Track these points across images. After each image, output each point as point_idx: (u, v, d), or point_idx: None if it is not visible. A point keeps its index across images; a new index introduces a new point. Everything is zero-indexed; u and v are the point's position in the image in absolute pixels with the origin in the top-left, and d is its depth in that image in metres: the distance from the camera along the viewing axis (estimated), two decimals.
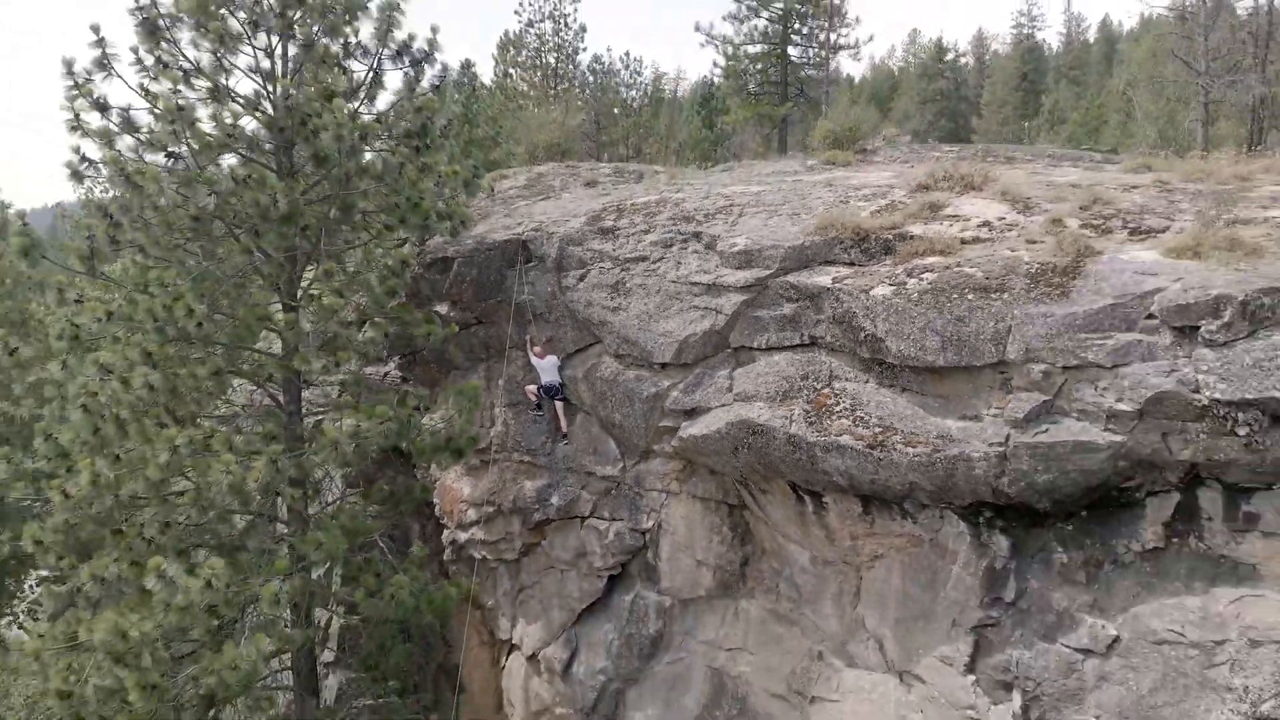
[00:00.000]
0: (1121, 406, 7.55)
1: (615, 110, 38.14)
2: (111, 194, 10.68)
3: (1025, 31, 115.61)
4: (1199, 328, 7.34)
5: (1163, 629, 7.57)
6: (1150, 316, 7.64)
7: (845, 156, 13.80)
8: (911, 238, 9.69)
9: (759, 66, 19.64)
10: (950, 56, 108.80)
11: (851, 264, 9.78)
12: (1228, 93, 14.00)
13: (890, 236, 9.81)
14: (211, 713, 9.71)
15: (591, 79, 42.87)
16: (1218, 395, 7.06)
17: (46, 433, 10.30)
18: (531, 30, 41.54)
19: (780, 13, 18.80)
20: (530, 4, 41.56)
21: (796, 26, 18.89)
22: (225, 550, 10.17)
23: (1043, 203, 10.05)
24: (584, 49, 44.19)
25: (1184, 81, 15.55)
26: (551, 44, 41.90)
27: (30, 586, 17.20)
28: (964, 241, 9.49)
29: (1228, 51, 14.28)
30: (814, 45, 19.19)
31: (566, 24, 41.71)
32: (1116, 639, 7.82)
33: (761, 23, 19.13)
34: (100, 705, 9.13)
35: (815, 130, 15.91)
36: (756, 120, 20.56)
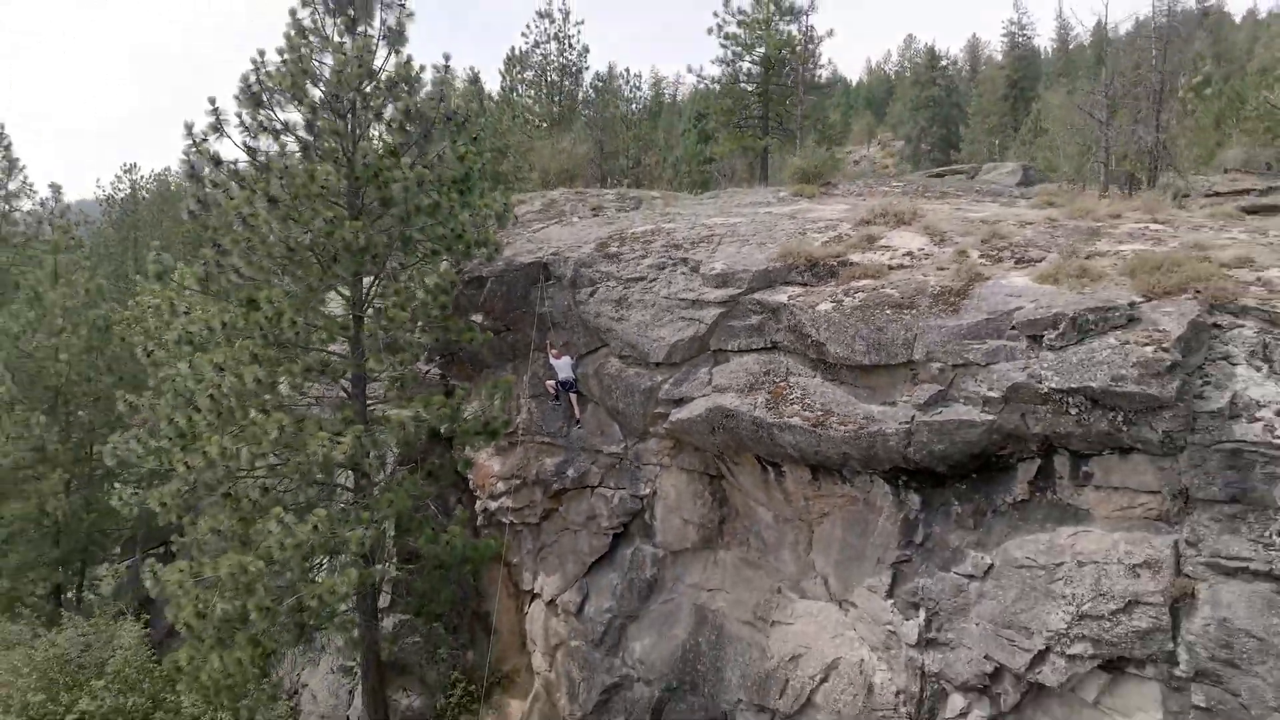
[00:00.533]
0: (992, 394, 10.26)
1: (617, 122, 40.75)
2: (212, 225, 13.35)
3: (1016, 39, 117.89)
4: (1043, 336, 10.06)
5: (1022, 557, 10.27)
6: (1013, 328, 10.35)
7: (810, 190, 16.51)
8: (851, 264, 12.41)
9: (744, 104, 22.40)
10: (943, 64, 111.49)
11: (804, 285, 12.49)
12: (1128, 140, 16.67)
13: (835, 263, 12.53)
14: (304, 633, 12.46)
15: (594, 95, 45.61)
16: (1054, 385, 9.77)
17: (169, 418, 13.02)
18: (537, 50, 44.27)
19: (762, 57, 21.55)
20: (536, 26, 44.33)
21: (775, 69, 21.60)
22: (307, 510, 12.90)
23: (955, 236, 12.76)
24: (587, 68, 46.80)
25: (1089, 128, 18.27)
26: (556, 64, 44.64)
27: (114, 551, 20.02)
28: (890, 268, 12.21)
29: (1130, 103, 16.90)
30: (790, 83, 21.87)
31: (570, 45, 44.44)
32: (991, 566, 10.53)
33: (746, 65, 21.94)
34: (225, 625, 11.88)
35: (787, 166, 18.62)
36: (741, 151, 23.31)
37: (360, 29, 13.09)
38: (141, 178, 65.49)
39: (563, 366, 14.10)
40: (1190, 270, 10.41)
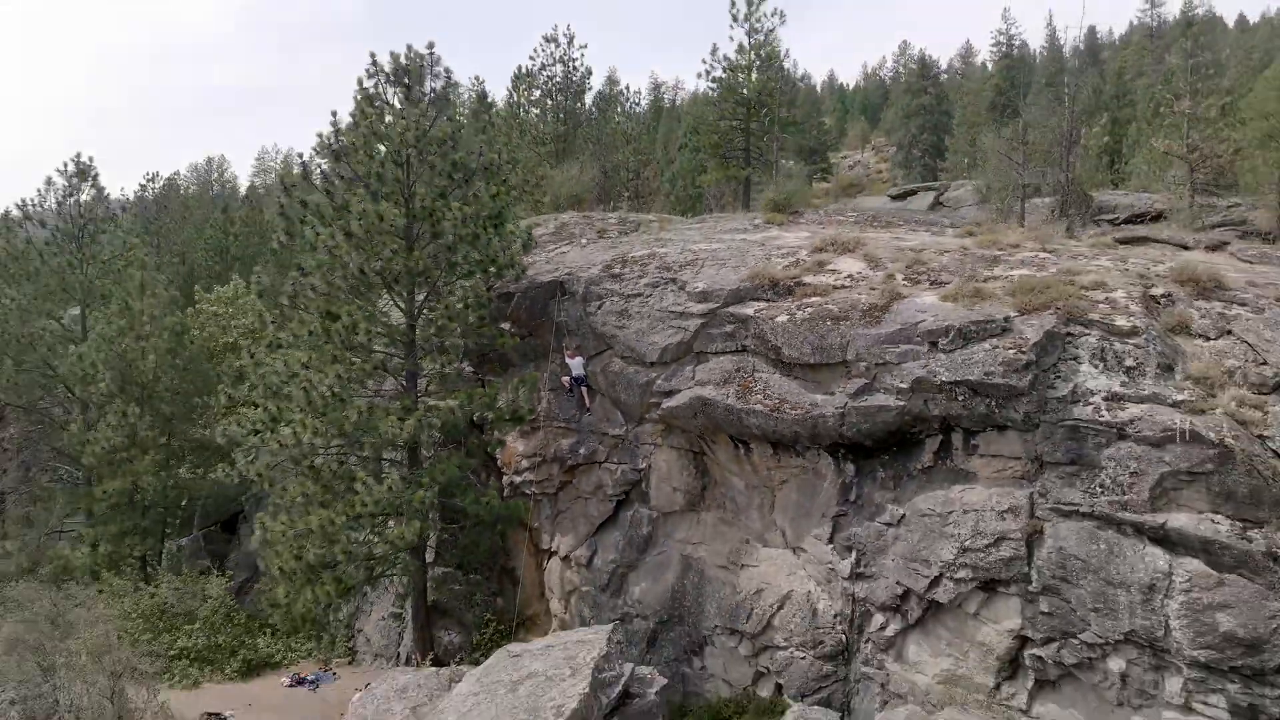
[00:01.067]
0: (902, 385, 13.60)
1: (618, 137, 44.08)
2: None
3: (1004, 50, 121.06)
4: (939, 342, 13.41)
5: (925, 509, 13.61)
6: (918, 336, 13.70)
7: (780, 218, 19.86)
8: (804, 284, 15.75)
9: (729, 139, 25.75)
10: (935, 72, 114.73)
11: (767, 301, 15.84)
12: (1040, 179, 19.93)
13: (791, 283, 15.88)
14: (375, 573, 15.85)
15: (596, 113, 48.99)
16: (945, 378, 13.12)
17: (265, 405, 16.38)
18: (544, 73, 47.70)
19: (743, 98, 24.87)
20: (542, 50, 47.74)
21: (755, 110, 24.90)
22: (374, 479, 16.24)
23: (887, 262, 16.10)
24: (590, 88, 50.26)
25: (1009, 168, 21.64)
26: (561, 84, 48.02)
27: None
28: (834, 288, 15.55)
29: (1045, 147, 20.10)
30: (767, 123, 25.23)
31: (574, 67, 47.88)
32: (904, 516, 13.87)
33: (731, 105, 25.22)
34: (313, 568, 15.24)
35: (764, 194, 22.00)
36: (726, 179, 26.67)
37: (414, 94, 16.46)
38: (154, 182, 69.59)
39: (576, 365, 17.45)
40: (1055, 292, 13.76)
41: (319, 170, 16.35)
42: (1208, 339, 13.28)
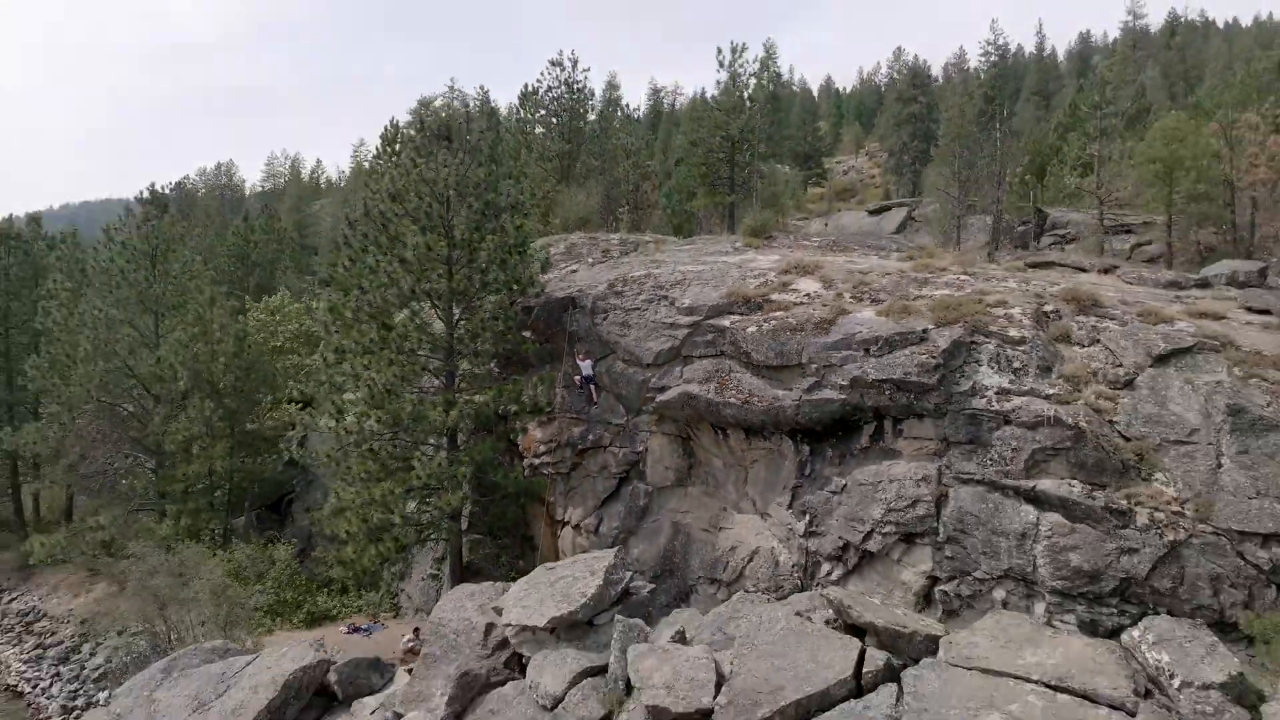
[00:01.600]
0: (843, 383, 17.30)
1: (618, 151, 47.71)
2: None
3: (993, 59, 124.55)
4: (870, 349, 17.11)
5: (862, 479, 17.30)
6: (855, 344, 17.39)
7: (756, 241, 23.55)
8: (770, 301, 19.44)
9: (716, 169, 29.44)
10: (927, 80, 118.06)
11: (741, 314, 19.53)
12: (971, 211, 23.63)
13: (760, 300, 19.57)
14: (422, 535, 19.56)
15: (599, 130, 52.65)
16: (875, 377, 16.82)
17: (333, 400, 20.06)
18: (550, 94, 51.52)
19: (725, 135, 28.53)
20: (549, 74, 51.52)
21: (739, 145, 28.56)
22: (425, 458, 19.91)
23: (839, 283, 19.79)
24: (594, 108, 54.09)
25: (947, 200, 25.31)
26: (566, 105, 51.77)
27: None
28: (794, 304, 19.24)
29: (975, 183, 23.84)
30: (749, 158, 28.92)
31: (578, 90, 51.73)
32: (846, 485, 17.56)
33: (718, 140, 28.88)
34: (376, 530, 18.94)
35: (744, 219, 25.71)
36: (714, 205, 30.33)
37: (455, 145, 20.15)
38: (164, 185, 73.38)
39: (585, 366, 21.14)
40: (966, 309, 17.46)
41: (378, 210, 19.99)
42: (1082, 346, 17.00)
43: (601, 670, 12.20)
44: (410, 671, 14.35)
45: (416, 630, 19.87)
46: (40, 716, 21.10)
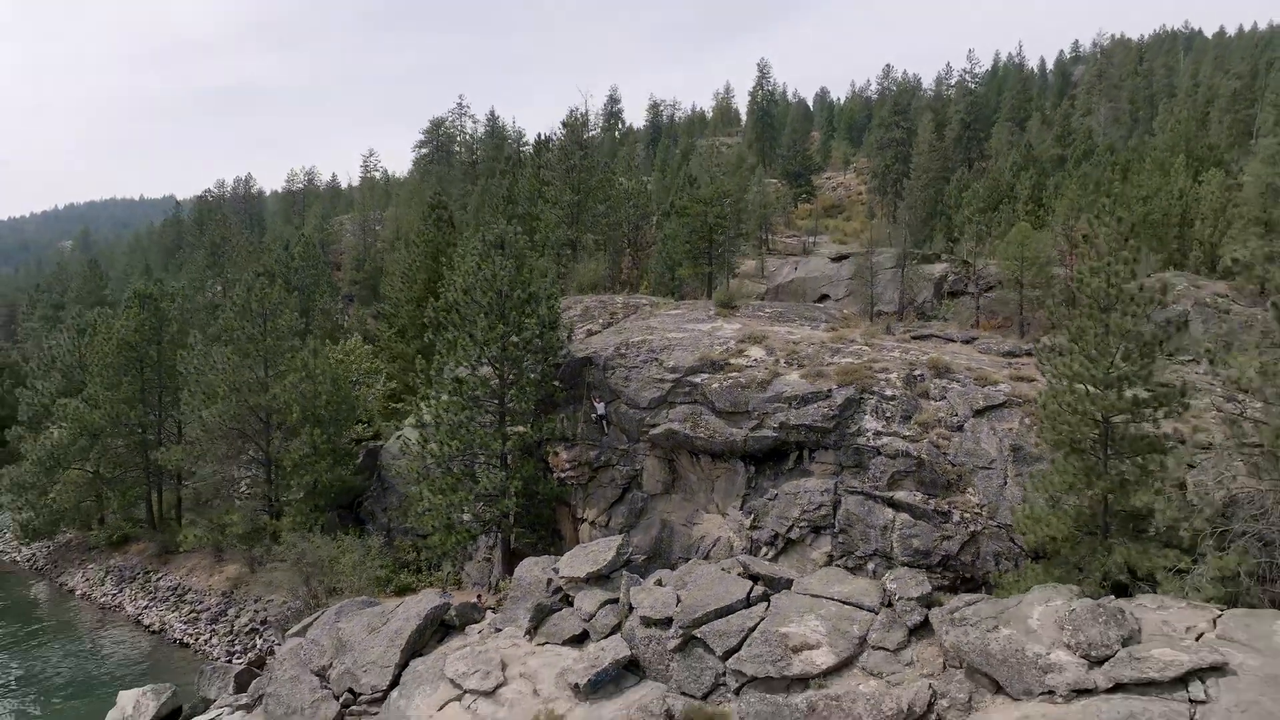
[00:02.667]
0: (775, 425, 25.55)
1: (619, 196, 55.81)
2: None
3: (968, 85, 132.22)
4: (792, 402, 25.37)
5: (787, 490, 25.51)
6: (783, 399, 25.65)
7: (725, 311, 31.78)
8: (729, 364, 27.71)
9: (697, 246, 37.61)
10: (909, 105, 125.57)
11: (709, 373, 27.78)
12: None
13: (723, 362, 27.84)
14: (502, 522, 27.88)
15: (605, 166, 60.48)
16: (795, 422, 25.07)
17: (417, 414, 28.31)
18: (562, 151, 59.68)
19: (704, 219, 36.72)
20: (559, 132, 59.73)
21: (715, 228, 36.72)
22: (488, 474, 28.20)
23: (778, 350, 28.01)
24: (602, 162, 62.26)
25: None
26: (577, 164, 59.86)
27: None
28: (746, 366, 27.49)
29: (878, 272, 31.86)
30: (723, 241, 37.06)
31: (587, 147, 59.90)
32: (777, 495, 25.81)
33: (698, 225, 37.05)
34: (453, 523, 27.27)
35: (716, 292, 33.97)
36: (696, 274, 38.45)
37: (507, 252, 28.43)
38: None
39: (599, 408, 29.38)
40: (859, 373, 25.72)
41: (454, 299, 28.18)
42: (933, 400, 25.23)
43: (614, 601, 20.44)
44: (493, 611, 22.77)
45: (479, 596, 28.10)
46: (211, 656, 29.49)
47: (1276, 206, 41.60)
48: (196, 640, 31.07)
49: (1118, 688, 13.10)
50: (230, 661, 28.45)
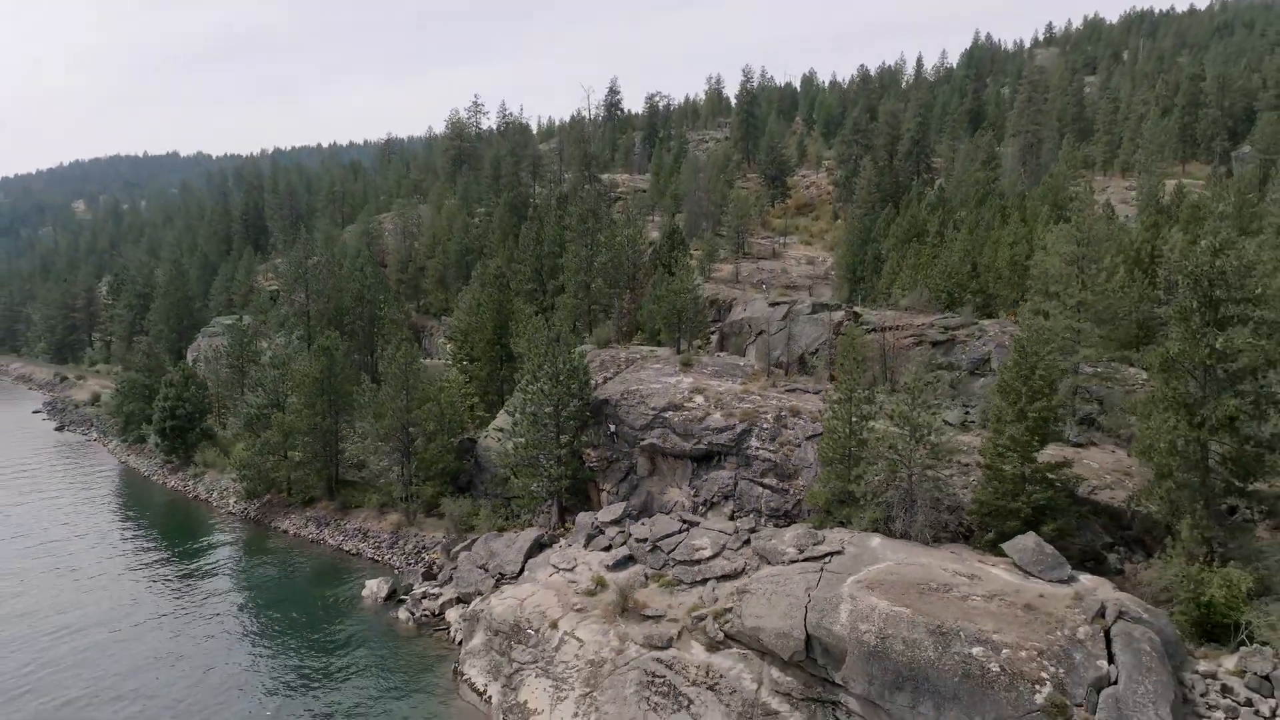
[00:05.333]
0: (707, 442, 48.35)
1: (623, 248, 77.70)
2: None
3: (927, 81, 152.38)
4: (715, 430, 48.14)
5: (711, 478, 48.42)
6: (711, 428, 48.41)
7: (686, 368, 54.28)
8: (684, 407, 50.43)
9: (674, 321, 59.73)
10: (881, 97, 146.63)
11: (672, 412, 50.51)
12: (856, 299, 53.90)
13: (680, 405, 50.56)
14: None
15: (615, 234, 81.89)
16: (715, 441, 47.88)
17: (511, 413, 51.21)
18: (579, 218, 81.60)
19: (675, 303, 58.59)
20: (582, 202, 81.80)
21: (683, 314, 58.72)
22: (551, 466, 51.15)
23: (712, 396, 50.64)
24: (612, 223, 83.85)
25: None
26: (591, 228, 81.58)
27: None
28: (692, 408, 50.18)
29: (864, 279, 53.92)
30: (691, 320, 59.25)
31: (600, 215, 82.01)
32: (706, 480, 48.73)
33: (670, 306, 59.04)
34: (531, 491, 50.50)
35: (681, 355, 56.33)
36: (671, 337, 60.51)
37: (561, 345, 51.00)
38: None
39: (611, 427, 52.11)
40: (750, 413, 48.51)
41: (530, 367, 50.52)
42: (788, 429, 47.98)
43: (623, 531, 43.53)
44: (562, 539, 45.96)
45: (546, 533, 51.09)
46: (394, 567, 52.82)
47: (1056, 281, 63.39)
48: (382, 558, 54.36)
49: (807, 559, 35.94)
50: (413, 567, 51.78)
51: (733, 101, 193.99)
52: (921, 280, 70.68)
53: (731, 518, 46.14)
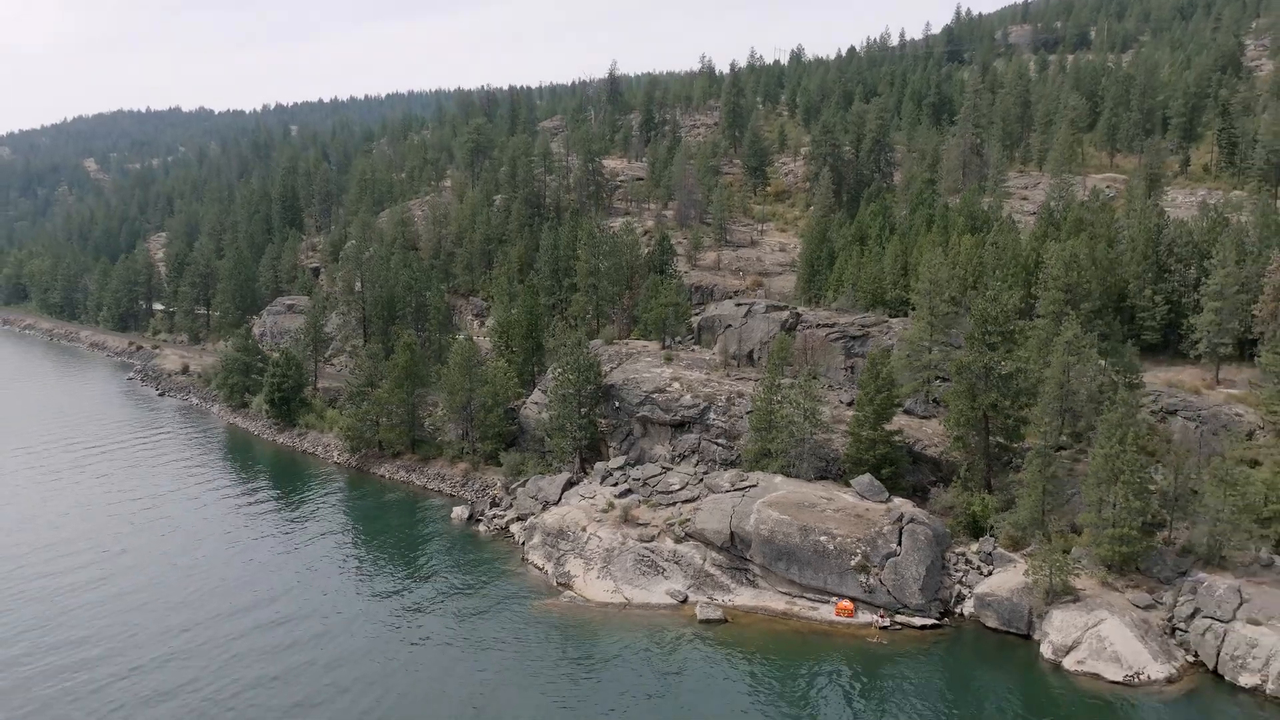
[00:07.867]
0: (680, 414, 71.81)
1: (625, 252, 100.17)
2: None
3: (893, 73, 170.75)
4: (687, 406, 71.58)
5: (684, 439, 71.96)
6: (683, 405, 71.83)
7: (669, 359, 77.41)
8: (666, 391, 73.82)
9: (659, 322, 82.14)
10: (860, 80, 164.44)
11: (658, 394, 73.90)
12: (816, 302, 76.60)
13: (664, 388, 73.94)
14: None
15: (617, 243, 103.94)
16: (685, 414, 71.35)
17: (545, 391, 74.67)
18: (590, 236, 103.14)
19: (663, 313, 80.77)
20: (597, 239, 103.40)
21: (671, 323, 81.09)
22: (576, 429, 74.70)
23: (683, 384, 73.91)
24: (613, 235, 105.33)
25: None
26: (610, 262, 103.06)
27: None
28: (671, 391, 73.54)
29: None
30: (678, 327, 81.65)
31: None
32: (681, 440, 72.35)
33: (659, 316, 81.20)
34: (561, 446, 74.33)
35: (664, 351, 79.26)
36: (658, 334, 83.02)
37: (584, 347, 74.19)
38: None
39: (616, 404, 75.47)
40: (711, 393, 72.02)
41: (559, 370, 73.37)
42: (734, 405, 71.30)
43: (624, 473, 67.40)
44: (585, 478, 69.71)
45: (574, 475, 74.60)
46: (466, 499, 76.76)
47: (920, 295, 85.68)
48: (457, 493, 78.17)
49: (736, 490, 59.43)
50: (482, 499, 75.62)
51: (724, 78, 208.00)
52: (852, 282, 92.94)
53: (695, 466, 69.75)
